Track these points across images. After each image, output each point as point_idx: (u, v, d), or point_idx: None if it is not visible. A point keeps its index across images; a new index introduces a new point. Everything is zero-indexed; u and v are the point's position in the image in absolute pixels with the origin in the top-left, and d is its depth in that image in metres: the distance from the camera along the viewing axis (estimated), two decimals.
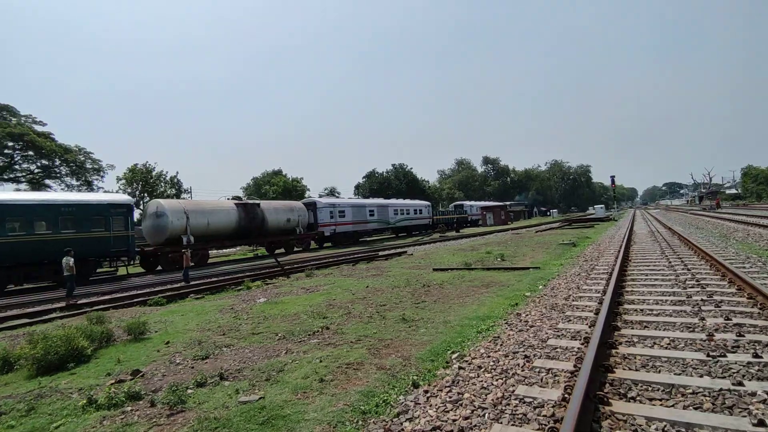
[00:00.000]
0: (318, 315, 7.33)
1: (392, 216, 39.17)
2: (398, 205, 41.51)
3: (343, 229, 32.68)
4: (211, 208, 23.08)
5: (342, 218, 32.66)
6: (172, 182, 57.58)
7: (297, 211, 28.66)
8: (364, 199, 42.73)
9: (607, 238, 18.86)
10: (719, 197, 72.91)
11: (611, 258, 11.39)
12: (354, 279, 12.06)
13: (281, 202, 29.90)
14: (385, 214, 38.18)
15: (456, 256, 16.89)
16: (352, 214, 33.84)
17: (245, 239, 25.27)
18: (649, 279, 8.02)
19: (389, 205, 39.99)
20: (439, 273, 11.87)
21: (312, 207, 31.21)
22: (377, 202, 39.30)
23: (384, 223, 38.12)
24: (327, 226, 31.25)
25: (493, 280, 10.04)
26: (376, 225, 37.05)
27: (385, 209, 38.65)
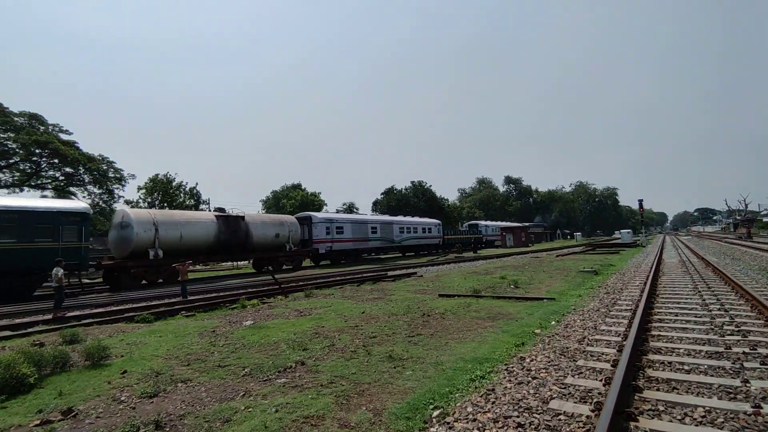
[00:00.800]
0: (298, 346, 6.60)
1: (397, 234, 37.36)
2: (405, 223, 39.49)
3: (341, 247, 30.75)
4: (186, 220, 21.26)
5: (340, 235, 30.76)
6: (191, 193, 58.59)
7: (288, 225, 26.82)
8: (367, 215, 40.65)
9: (632, 267, 17.53)
10: (749, 226, 69.11)
11: (636, 291, 10.29)
12: (353, 302, 11.31)
13: (270, 216, 27.97)
14: (389, 231, 36.40)
15: (468, 280, 15.94)
16: (351, 231, 31.88)
17: (226, 255, 23.19)
18: (680, 321, 6.97)
19: (394, 222, 38.01)
20: (444, 300, 10.99)
21: (307, 222, 29.50)
22: (381, 219, 37.41)
23: (388, 242, 36.24)
24: (322, 242, 29.20)
25: (501, 311, 9.11)
26: (379, 243, 35.19)
27: (390, 227, 36.77)
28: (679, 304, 8.43)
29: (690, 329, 6.33)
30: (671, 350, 5.33)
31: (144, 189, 54.96)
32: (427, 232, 42.07)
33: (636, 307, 7.81)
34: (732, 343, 5.50)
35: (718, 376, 4.39)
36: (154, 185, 55.76)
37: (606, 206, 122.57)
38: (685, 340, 5.78)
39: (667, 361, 4.85)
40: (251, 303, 12.21)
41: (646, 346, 5.51)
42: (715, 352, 5.15)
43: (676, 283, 11.72)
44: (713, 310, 7.58)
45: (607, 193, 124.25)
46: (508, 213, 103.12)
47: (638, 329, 5.95)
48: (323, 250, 29.27)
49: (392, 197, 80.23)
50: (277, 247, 26.07)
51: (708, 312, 7.48)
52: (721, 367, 4.60)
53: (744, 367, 4.54)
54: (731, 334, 5.93)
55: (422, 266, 25.13)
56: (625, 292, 10.48)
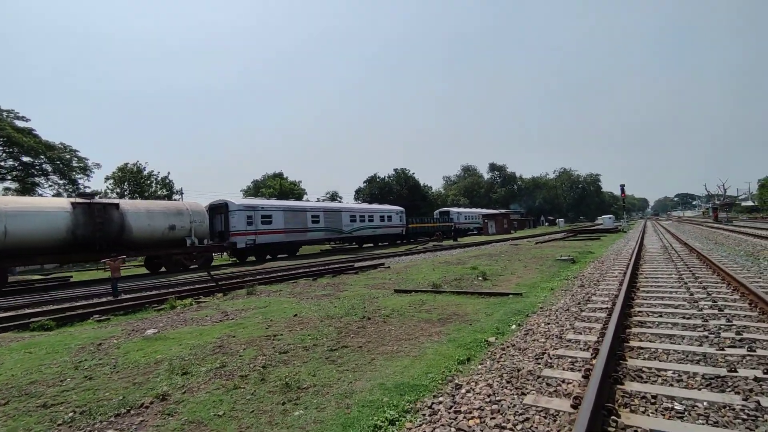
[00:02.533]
0: (182, 368, 5.07)
1: (348, 223, 33.12)
2: (358, 210, 35.43)
3: (267, 240, 26.15)
4: (18, 210, 15.95)
5: (267, 225, 26.28)
6: (163, 183, 56.12)
7: (188, 215, 21.54)
8: (306, 202, 35.09)
9: (612, 254, 16.38)
10: (717, 210, 69.64)
11: (614, 284, 9.00)
12: (295, 301, 9.81)
13: (160, 203, 22.27)
14: (336, 220, 32.11)
15: (436, 271, 14.59)
16: (283, 221, 27.42)
17: (88, 253, 17.77)
18: (665, 325, 5.63)
19: (343, 210, 33.79)
20: (398, 297, 9.56)
21: (221, 211, 24.92)
22: (325, 206, 33.08)
23: (335, 232, 32.05)
24: (242, 235, 24.48)
25: (457, 311, 7.71)
26: (322, 234, 30.93)
27: (337, 215, 32.48)
28: (663, 301, 7.12)
29: (678, 338, 4.97)
30: (655, 374, 3.93)
31: (112, 179, 52.43)
32: (386, 220, 38.12)
33: (613, 305, 6.47)
34: (736, 360, 4.15)
35: (714, 393, 3.03)
36: (123, 175, 53.21)
37: (589, 192, 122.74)
38: (673, 355, 4.41)
39: (651, 396, 3.45)
40: (182, 303, 10.63)
41: (622, 368, 4.12)
42: (716, 376, 3.77)
43: (659, 273, 10.49)
44: (704, 309, 6.28)
45: (590, 179, 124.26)
46: (493, 200, 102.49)
47: (613, 339, 4.57)
48: (243, 244, 24.59)
49: (374, 185, 78.66)
50: (173, 243, 20.86)
51: (699, 312, 6.17)
52: (727, 406, 3.22)
53: (762, 407, 3.16)
54: (732, 346, 4.59)
55: (397, 256, 23.75)
56: (602, 284, 9.18)
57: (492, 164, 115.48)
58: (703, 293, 7.46)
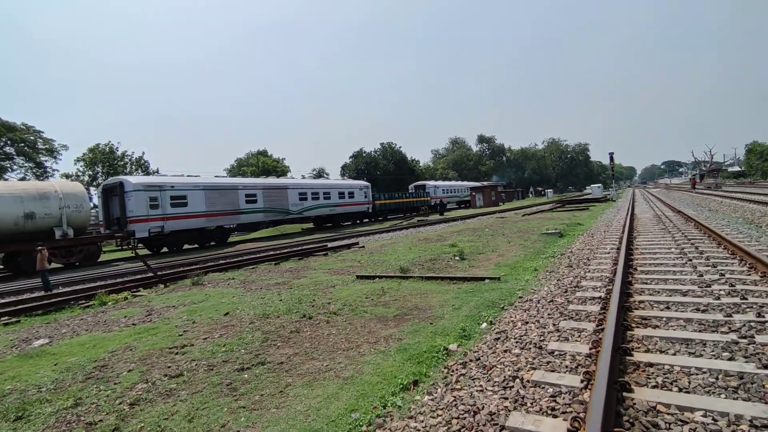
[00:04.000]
0: (13, 411, 3.67)
1: (296, 202, 28.55)
2: (309, 186, 30.56)
3: (181, 225, 21.26)
4: None
5: (180, 208, 21.37)
6: (138, 163, 53.71)
7: (57, 198, 17.19)
8: (237, 179, 28.47)
9: (603, 226, 15.18)
10: (694, 177, 69.24)
11: (607, 263, 7.73)
12: (238, 293, 8.41)
13: (10, 184, 17.81)
14: (279, 199, 27.42)
15: (413, 250, 13.30)
16: (204, 201, 22.54)
17: None
18: (676, 317, 4.35)
19: (290, 186, 28.77)
20: (358, 285, 8.21)
21: (117, 192, 19.84)
22: (264, 183, 27.67)
23: (279, 213, 27.52)
24: (143, 221, 19.44)
25: (421, 303, 6.38)
26: (261, 216, 26.38)
27: (281, 193, 27.59)
28: (667, 285, 5.85)
29: (699, 345, 3.66)
30: (680, 420, 2.61)
31: (82, 161, 49.82)
32: (347, 197, 33.46)
33: (608, 295, 5.16)
34: None
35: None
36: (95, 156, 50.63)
37: (578, 162, 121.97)
38: (695, 376, 3.10)
39: None
40: (113, 298, 9.19)
41: (628, 408, 2.79)
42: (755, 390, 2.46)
43: (657, 246, 9.25)
44: (721, 296, 5.00)
45: (579, 149, 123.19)
46: (482, 173, 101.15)
47: (612, 354, 3.25)
48: (145, 232, 19.61)
49: (361, 160, 76.63)
50: (34, 235, 16.28)
51: (716, 300, 4.89)
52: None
53: None
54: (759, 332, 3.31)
55: (378, 233, 22.38)
56: (593, 263, 7.90)
57: (480, 136, 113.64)
58: (714, 273, 6.20)
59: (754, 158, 77.29)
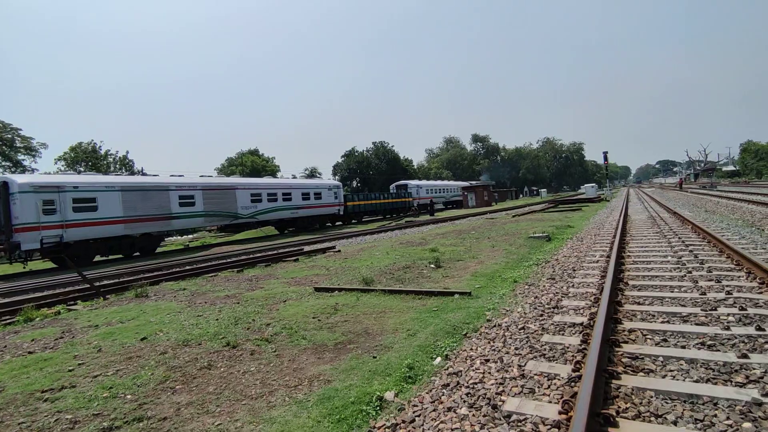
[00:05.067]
0: None
1: (247, 204, 25.37)
2: (264, 186, 27.21)
3: (86, 234, 17.86)
4: None
5: (86, 213, 17.91)
6: (123, 162, 52.45)
7: None
8: (170, 178, 23.15)
9: (594, 228, 14.26)
10: (681, 178, 68.76)
11: (594, 274, 6.76)
12: (179, 308, 7.38)
13: None
14: (226, 201, 24.21)
15: (390, 255, 12.34)
16: (120, 205, 18.99)
17: None
18: (676, 348, 3.39)
19: (239, 186, 25.42)
20: (312, 300, 7.20)
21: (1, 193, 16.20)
22: (205, 183, 23.75)
23: (225, 217, 24.33)
24: (33, 229, 16.15)
25: (373, 325, 5.39)
26: (201, 220, 23.37)
27: (228, 194, 24.38)
28: (663, 307, 4.89)
29: (708, 406, 2.69)
30: None
31: (63, 159, 48.45)
32: (314, 198, 30.26)
33: (591, 320, 4.19)
34: None
35: None
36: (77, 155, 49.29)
37: (573, 161, 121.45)
38: None
39: None
40: (43, 313, 8.13)
41: None
42: None
43: (651, 254, 8.31)
44: (731, 326, 4.03)
45: (573, 148, 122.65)
46: (476, 172, 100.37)
47: (589, 419, 2.28)
48: (35, 242, 16.19)
49: (352, 159, 75.60)
50: None
51: (725, 329, 3.93)
52: None
53: None
54: None
55: (362, 235, 21.32)
56: (579, 275, 6.93)
57: (475, 135, 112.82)
58: (718, 290, 5.24)
59: (748, 157, 76.99)
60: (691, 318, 4.33)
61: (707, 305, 4.63)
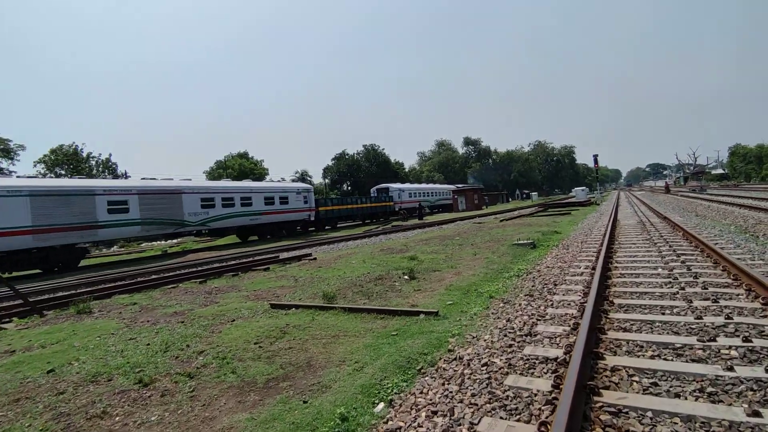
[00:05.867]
0: None
1: (196, 210, 22.39)
2: (217, 190, 24.03)
3: None
4: None
5: None
6: (105, 165, 51.20)
7: None
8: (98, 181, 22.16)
9: (581, 234, 13.61)
10: (667, 181, 69.03)
11: (577, 289, 6.05)
12: (113, 328, 6.55)
13: None
14: (170, 206, 21.18)
15: (366, 264, 11.61)
16: (29, 212, 16.11)
17: None
18: (669, 397, 2.68)
19: (185, 190, 22.20)
20: (260, 321, 6.40)
21: None
22: (141, 186, 20.92)
23: (170, 224, 21.28)
24: None
25: (318, 355, 4.63)
26: (138, 229, 20.07)
27: (173, 199, 21.39)
28: (653, 331, 4.20)
29: None
30: None
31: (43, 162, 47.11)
32: (279, 203, 27.34)
33: (568, 353, 3.47)
34: None
35: None
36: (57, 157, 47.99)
37: (564, 165, 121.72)
38: None
39: None
40: None
41: None
42: None
43: (640, 265, 7.64)
44: (735, 362, 3.33)
45: (564, 151, 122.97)
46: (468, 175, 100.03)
47: None
48: None
49: (343, 162, 74.79)
50: None
51: (727, 369, 3.24)
52: None
53: None
54: None
55: (343, 240, 20.43)
56: (560, 290, 6.22)
57: (466, 138, 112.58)
58: (716, 312, 4.56)
59: (737, 161, 77.47)
60: (686, 351, 3.62)
61: (704, 333, 3.93)
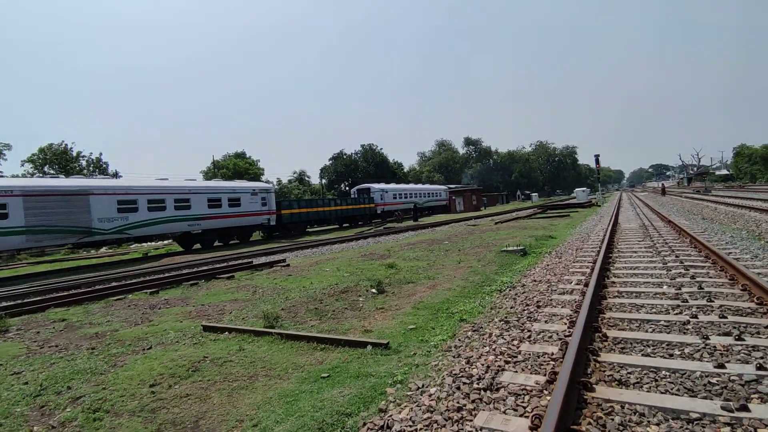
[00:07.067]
0: None
1: (111, 215, 18.03)
2: (142, 191, 19.55)
3: None
4: None
5: None
6: (96, 164, 50.29)
7: None
8: None
9: (578, 240, 12.46)
10: (663, 183, 67.36)
11: (563, 313, 4.92)
12: (7, 354, 5.45)
13: None
14: (72, 211, 16.78)
15: (339, 272, 10.62)
16: None
17: None
18: None
19: (95, 190, 17.74)
20: (179, 351, 5.29)
21: None
22: (28, 185, 16.79)
23: (71, 233, 16.81)
24: None
25: (210, 413, 3.53)
26: (20, 240, 15.63)
27: (78, 201, 16.95)
28: (657, 388, 3.09)
29: None
30: None
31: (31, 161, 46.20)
32: (227, 205, 23.41)
33: (536, 427, 2.33)
34: None
35: None
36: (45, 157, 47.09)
37: (566, 165, 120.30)
38: None
39: None
40: None
41: None
42: None
43: (642, 280, 6.51)
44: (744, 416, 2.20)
45: (566, 152, 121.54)
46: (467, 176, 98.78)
47: None
48: None
49: (340, 162, 73.69)
50: None
51: None
52: None
53: None
54: None
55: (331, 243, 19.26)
56: (543, 314, 5.09)
57: (467, 138, 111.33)
58: (745, 359, 3.43)
59: (742, 161, 75.94)
60: (706, 425, 2.49)
61: (732, 394, 2.80)
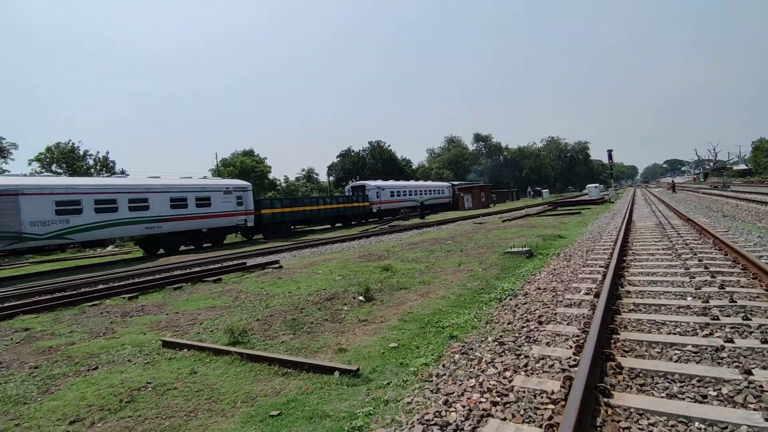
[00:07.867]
0: None
1: (48, 218, 15.63)
2: (86, 189, 17.21)
3: None
4: None
5: None
6: (103, 163, 50.40)
7: None
8: None
9: (588, 240, 11.60)
10: (673, 179, 64.75)
11: (568, 334, 4.17)
12: None
13: None
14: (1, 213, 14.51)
15: (331, 275, 9.97)
16: None
17: None
18: None
19: (27, 189, 15.37)
20: (125, 372, 4.66)
21: None
22: None
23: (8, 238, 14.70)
24: None
25: None
26: None
27: (6, 203, 14.70)
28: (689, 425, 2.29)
29: None
30: None
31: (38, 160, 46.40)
32: (195, 205, 20.84)
33: None
34: None
35: None
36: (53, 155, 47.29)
37: (578, 161, 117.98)
38: None
39: None
40: None
41: None
42: None
43: (661, 292, 5.69)
44: None
45: (578, 147, 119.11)
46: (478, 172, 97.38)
47: None
48: None
49: (348, 160, 73.09)
50: None
51: None
52: None
53: None
54: None
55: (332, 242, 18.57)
56: (545, 334, 4.34)
57: (477, 134, 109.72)
58: None
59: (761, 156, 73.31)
60: None
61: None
